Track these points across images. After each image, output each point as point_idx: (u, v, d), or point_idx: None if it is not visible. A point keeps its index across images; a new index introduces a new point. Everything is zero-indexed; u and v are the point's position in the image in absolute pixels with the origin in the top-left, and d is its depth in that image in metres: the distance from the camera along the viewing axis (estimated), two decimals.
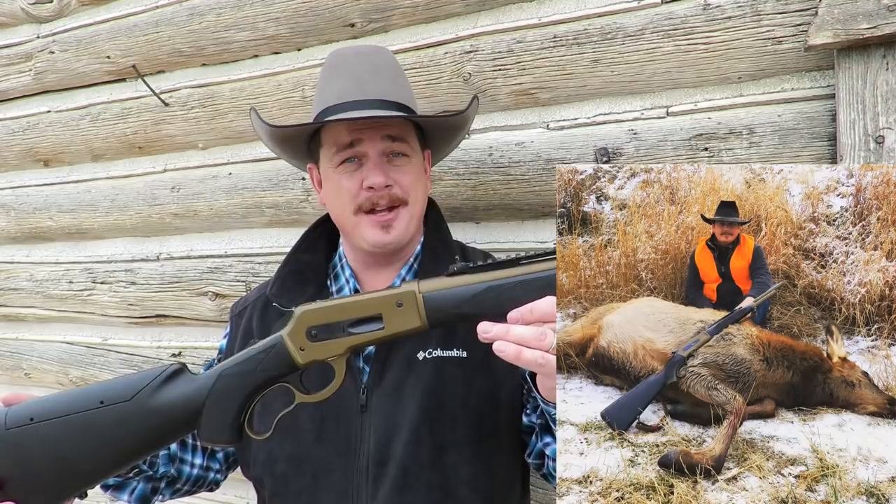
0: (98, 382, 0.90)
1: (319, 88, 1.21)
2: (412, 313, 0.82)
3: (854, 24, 1.13)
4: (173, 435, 0.89)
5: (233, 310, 1.34)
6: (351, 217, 1.14)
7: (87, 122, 2.04)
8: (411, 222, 1.16)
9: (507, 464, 1.16)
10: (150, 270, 1.98)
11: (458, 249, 1.27)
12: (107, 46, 1.96)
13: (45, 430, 0.85)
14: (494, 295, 0.81)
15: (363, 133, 1.11)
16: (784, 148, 1.26)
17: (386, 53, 1.25)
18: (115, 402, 0.86)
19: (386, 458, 1.09)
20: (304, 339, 0.85)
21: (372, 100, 1.14)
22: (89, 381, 2.10)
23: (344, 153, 1.13)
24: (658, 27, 1.34)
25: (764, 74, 1.29)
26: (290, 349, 0.85)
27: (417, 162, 1.19)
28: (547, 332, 0.79)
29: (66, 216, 2.12)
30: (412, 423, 1.09)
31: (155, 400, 0.86)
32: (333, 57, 1.22)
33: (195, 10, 1.81)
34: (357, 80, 1.16)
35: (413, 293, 0.82)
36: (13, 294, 2.25)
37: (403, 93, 1.20)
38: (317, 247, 1.29)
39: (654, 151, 1.36)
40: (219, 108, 1.84)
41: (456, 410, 1.10)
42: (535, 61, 1.45)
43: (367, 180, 1.11)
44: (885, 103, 1.15)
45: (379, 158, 1.13)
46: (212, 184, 1.87)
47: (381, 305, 0.83)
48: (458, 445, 1.10)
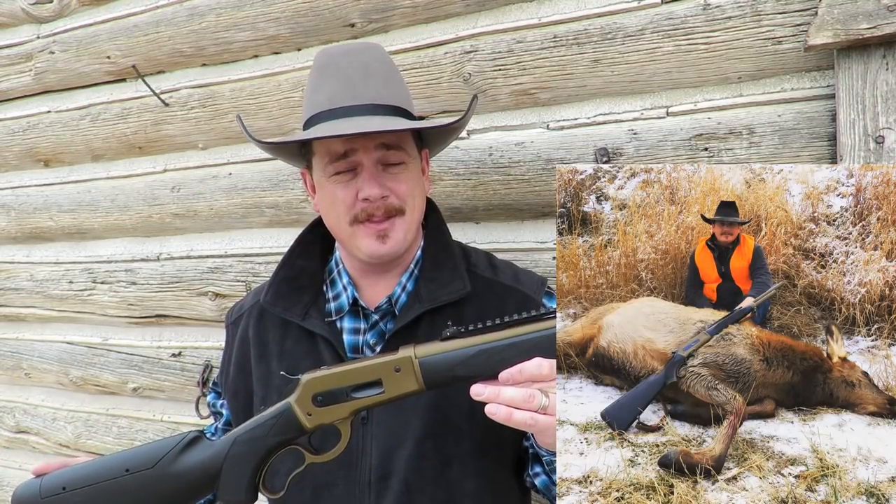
0: (122, 451, 0.96)
1: (308, 91, 1.15)
2: (409, 378, 0.87)
3: (854, 24, 1.13)
4: (194, 497, 0.95)
5: (228, 318, 1.31)
6: (347, 227, 1.10)
7: (87, 122, 2.04)
8: (409, 231, 1.12)
9: (510, 477, 1.15)
10: (151, 270, 1.99)
11: (460, 252, 1.23)
12: (107, 46, 1.96)
13: (76, 498, 0.94)
14: (486, 358, 0.85)
15: (357, 143, 1.06)
16: (784, 148, 1.26)
17: (377, 50, 1.16)
18: (139, 470, 0.93)
19: (389, 472, 1.07)
20: (311, 404, 0.90)
21: (365, 105, 1.08)
22: (89, 380, 2.10)
23: (337, 164, 1.08)
24: (658, 27, 1.34)
25: (764, 74, 1.29)
26: (298, 415, 0.90)
27: (414, 167, 1.14)
28: (535, 394, 0.82)
29: (66, 216, 2.12)
30: (416, 437, 1.07)
31: (176, 466, 0.93)
32: (321, 57, 1.14)
33: (195, 10, 1.81)
34: (348, 82, 1.09)
35: (410, 359, 0.87)
36: (13, 294, 2.25)
37: (398, 94, 1.14)
38: (312, 251, 1.25)
39: (655, 151, 1.36)
40: (219, 108, 1.84)
41: (461, 424, 1.08)
42: (536, 61, 1.45)
43: (362, 192, 1.06)
44: (884, 103, 1.15)
45: (374, 168, 1.07)
46: (212, 184, 1.87)
47: (380, 371, 0.88)
48: (463, 459, 1.08)
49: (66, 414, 2.19)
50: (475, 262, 1.23)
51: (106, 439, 2.11)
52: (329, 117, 1.08)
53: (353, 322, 1.17)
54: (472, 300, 1.14)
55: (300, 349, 1.16)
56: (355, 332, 1.17)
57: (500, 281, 1.19)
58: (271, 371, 1.17)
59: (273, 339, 1.20)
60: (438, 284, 1.14)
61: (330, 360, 1.12)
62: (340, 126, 1.05)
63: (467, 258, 1.23)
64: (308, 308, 1.16)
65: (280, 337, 1.19)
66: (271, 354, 1.18)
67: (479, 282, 1.17)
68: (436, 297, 1.12)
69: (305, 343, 1.16)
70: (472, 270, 1.19)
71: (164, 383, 1.98)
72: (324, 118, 1.09)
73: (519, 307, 1.14)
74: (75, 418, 2.17)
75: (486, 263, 1.23)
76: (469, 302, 1.14)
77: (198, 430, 0.98)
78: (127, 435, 2.07)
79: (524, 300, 1.17)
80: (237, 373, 1.23)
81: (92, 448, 2.13)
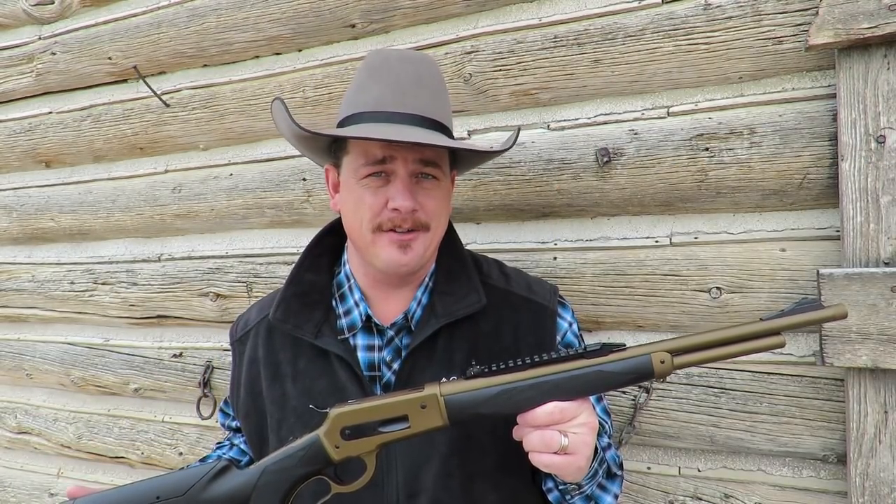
0: (153, 478, 0.98)
1: (355, 87, 1.11)
2: (435, 414, 0.90)
3: (855, 23, 1.13)
4: None
5: (232, 334, 1.27)
6: (368, 234, 1.06)
7: (88, 123, 2.04)
8: (429, 248, 1.09)
9: (531, 488, 1.14)
10: (152, 271, 1.99)
11: (472, 263, 1.20)
12: (108, 48, 1.96)
13: None
14: (508, 397, 0.88)
15: (397, 151, 1.04)
16: (785, 148, 1.26)
17: (431, 64, 1.13)
18: (170, 497, 0.95)
19: (417, 491, 1.06)
20: (339, 437, 0.93)
21: (411, 114, 1.05)
22: (91, 381, 2.10)
23: (372, 168, 1.05)
24: (659, 27, 1.34)
25: (765, 74, 1.29)
26: (326, 447, 0.93)
27: (445, 185, 1.11)
28: (554, 436, 0.85)
29: (67, 217, 2.12)
30: (442, 454, 1.06)
31: (206, 494, 0.95)
32: (375, 57, 1.11)
33: (196, 11, 1.81)
34: (398, 88, 1.06)
35: (435, 396, 0.90)
36: (15, 295, 2.25)
37: (443, 111, 1.11)
38: (320, 264, 1.21)
39: (655, 151, 1.36)
40: (220, 108, 1.84)
41: (483, 439, 1.07)
42: (536, 62, 1.45)
43: (393, 201, 1.03)
44: (885, 103, 1.15)
45: (409, 179, 1.05)
46: (213, 184, 1.88)
47: (407, 407, 0.91)
48: (486, 474, 1.08)
49: (67, 415, 2.20)
50: (487, 272, 1.21)
51: (107, 440, 2.11)
52: (372, 119, 1.05)
53: (367, 339, 1.14)
54: (488, 312, 1.13)
55: (315, 369, 1.13)
56: (370, 349, 1.14)
57: (514, 291, 1.18)
58: (286, 393, 1.14)
59: (285, 358, 1.17)
60: (454, 298, 1.12)
61: (346, 378, 1.10)
62: (385, 130, 1.02)
63: (479, 268, 1.21)
64: (320, 325, 1.13)
65: (293, 356, 1.16)
66: (285, 375, 1.16)
67: (494, 293, 1.16)
68: (452, 311, 1.11)
69: (320, 362, 1.13)
70: (485, 281, 1.17)
71: (166, 384, 1.98)
72: (367, 119, 1.06)
73: (534, 317, 1.15)
74: (77, 419, 2.17)
75: (498, 273, 1.21)
76: (485, 314, 1.13)
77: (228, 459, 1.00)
78: (128, 436, 2.07)
79: (539, 310, 1.16)
80: (247, 394, 1.20)
81: (93, 449, 2.13)
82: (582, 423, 0.87)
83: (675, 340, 0.89)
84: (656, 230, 1.41)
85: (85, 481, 2.18)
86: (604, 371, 0.88)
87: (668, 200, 1.37)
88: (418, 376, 1.09)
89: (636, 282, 1.40)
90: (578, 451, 0.87)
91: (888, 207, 1.16)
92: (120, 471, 2.13)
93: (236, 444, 1.31)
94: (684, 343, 0.88)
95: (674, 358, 0.88)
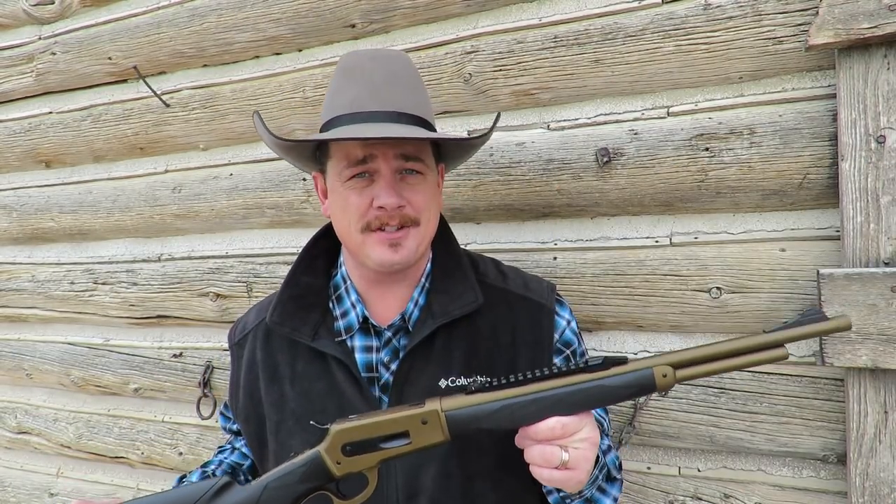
0: (155, 494, 0.99)
1: (331, 92, 1.12)
2: (436, 429, 0.90)
3: (855, 23, 1.13)
4: None
5: (231, 338, 1.27)
6: (357, 235, 1.06)
7: (88, 123, 2.04)
8: (422, 243, 1.09)
9: (530, 488, 1.13)
10: (152, 271, 1.99)
11: (468, 262, 1.20)
12: (108, 48, 1.96)
13: None
14: (509, 412, 0.88)
15: (377, 149, 1.03)
16: (785, 148, 1.26)
17: (404, 59, 1.12)
18: None
19: (416, 492, 1.06)
20: (340, 454, 0.93)
21: (388, 111, 1.05)
22: (91, 381, 2.11)
23: (355, 169, 1.05)
24: (659, 27, 1.34)
25: (765, 74, 1.29)
26: (328, 463, 0.93)
27: (432, 179, 1.11)
28: (555, 451, 0.85)
29: (67, 217, 2.12)
30: (441, 455, 1.06)
31: None
32: (347, 59, 1.11)
33: (196, 11, 1.81)
34: (372, 87, 1.05)
35: (436, 412, 0.90)
36: (15, 295, 2.25)
37: (422, 105, 1.10)
38: (316, 266, 1.21)
39: (655, 151, 1.36)
40: (220, 108, 1.84)
41: (483, 440, 1.07)
42: (536, 62, 1.45)
43: (378, 199, 1.03)
44: (886, 103, 1.15)
45: (392, 177, 1.04)
46: (213, 184, 1.88)
47: (408, 423, 0.91)
48: (485, 474, 1.08)
49: (67, 415, 2.20)
50: (484, 270, 1.20)
51: (107, 440, 2.11)
52: (350, 121, 1.05)
53: (364, 340, 1.14)
54: (485, 311, 1.13)
55: (312, 371, 1.13)
56: (367, 351, 1.14)
57: (511, 290, 1.17)
58: (284, 395, 1.14)
59: (283, 361, 1.16)
60: (450, 297, 1.12)
61: (344, 380, 1.10)
62: (362, 130, 1.02)
63: (475, 267, 1.20)
64: (317, 328, 1.13)
65: (290, 359, 1.16)
66: (283, 378, 1.15)
67: (490, 292, 1.15)
68: (448, 311, 1.10)
69: (318, 364, 1.13)
70: (482, 280, 1.17)
71: (166, 384, 1.98)
72: (345, 121, 1.05)
73: (531, 315, 1.15)
74: (77, 419, 2.17)
75: (495, 272, 1.21)
76: (482, 313, 1.13)
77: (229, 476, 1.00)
78: (128, 436, 2.07)
79: (536, 308, 1.15)
80: (247, 398, 1.20)
81: (93, 449, 2.13)
82: (583, 439, 0.87)
83: (678, 353, 0.88)
84: (656, 230, 1.41)
85: (85, 481, 2.19)
86: (605, 385, 0.87)
87: (668, 200, 1.37)
88: (416, 377, 1.09)
89: (636, 282, 1.40)
90: (579, 467, 0.86)
91: (888, 207, 1.16)
92: (120, 471, 2.13)
93: (238, 448, 1.31)
94: (687, 356, 0.88)
95: (676, 371, 0.87)
